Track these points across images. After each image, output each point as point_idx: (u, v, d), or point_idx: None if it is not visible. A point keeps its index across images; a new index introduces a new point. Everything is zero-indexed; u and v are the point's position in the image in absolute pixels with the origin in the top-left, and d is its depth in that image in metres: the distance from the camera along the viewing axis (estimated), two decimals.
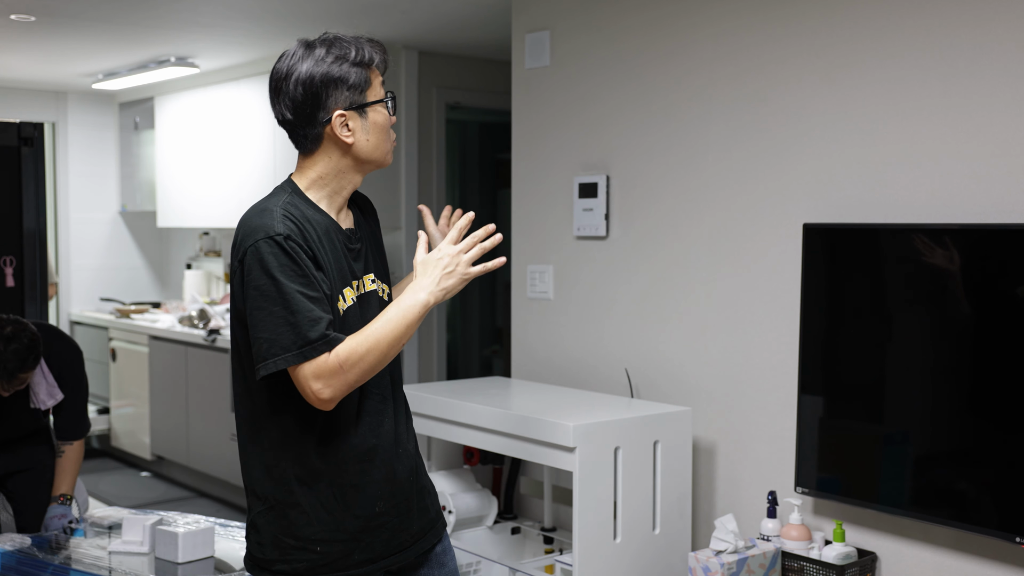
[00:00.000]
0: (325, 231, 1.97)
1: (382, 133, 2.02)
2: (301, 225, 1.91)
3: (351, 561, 1.98)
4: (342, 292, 1.96)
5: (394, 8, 4.54)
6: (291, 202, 1.96)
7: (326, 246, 1.95)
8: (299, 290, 1.85)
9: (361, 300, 2.02)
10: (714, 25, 3.29)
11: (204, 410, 5.85)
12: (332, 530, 1.96)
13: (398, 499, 2.04)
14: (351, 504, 1.97)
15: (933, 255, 2.66)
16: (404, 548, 2.06)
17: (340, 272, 1.98)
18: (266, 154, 5.88)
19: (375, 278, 2.08)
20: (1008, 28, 2.60)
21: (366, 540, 1.98)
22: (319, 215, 1.98)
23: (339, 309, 1.95)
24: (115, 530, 3.30)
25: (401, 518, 2.04)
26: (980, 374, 2.61)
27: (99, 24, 4.87)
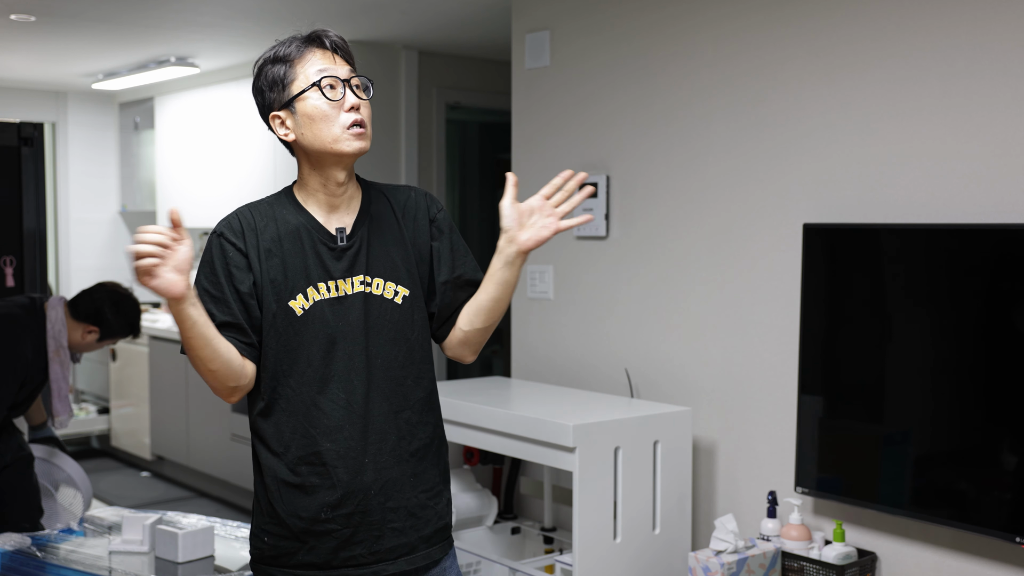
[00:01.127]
0: (292, 230, 1.94)
1: (318, 122, 1.90)
2: (253, 223, 1.93)
3: (295, 560, 1.94)
4: (303, 291, 1.92)
5: (394, 8, 4.54)
6: (270, 201, 1.99)
7: (286, 246, 1.93)
8: (204, 287, 1.91)
9: (337, 302, 1.93)
10: (715, 27, 3.29)
11: (204, 410, 5.85)
12: (277, 524, 1.94)
13: (351, 511, 1.93)
14: (296, 504, 1.93)
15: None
16: (361, 564, 1.95)
17: (301, 271, 1.92)
18: (266, 154, 5.88)
19: (370, 279, 1.96)
20: (1008, 28, 2.60)
21: (311, 543, 1.93)
22: (294, 214, 1.96)
23: (292, 308, 1.91)
24: (115, 530, 3.30)
25: (355, 531, 1.94)
26: (980, 374, 2.61)
27: (99, 24, 4.87)
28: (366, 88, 1.97)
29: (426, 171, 5.57)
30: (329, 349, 1.92)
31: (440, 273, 2.03)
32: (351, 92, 1.93)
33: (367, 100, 1.95)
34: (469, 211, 6.63)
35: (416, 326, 2.00)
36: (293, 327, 1.92)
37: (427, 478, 2.01)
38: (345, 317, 1.94)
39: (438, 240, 2.05)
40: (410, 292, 1.99)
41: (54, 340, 3.43)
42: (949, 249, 2.66)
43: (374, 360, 1.95)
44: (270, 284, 1.92)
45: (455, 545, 2.17)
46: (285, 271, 1.92)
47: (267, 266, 1.92)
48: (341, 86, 1.93)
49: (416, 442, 2.00)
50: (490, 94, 5.77)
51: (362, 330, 1.94)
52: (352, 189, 2.01)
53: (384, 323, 1.96)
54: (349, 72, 1.95)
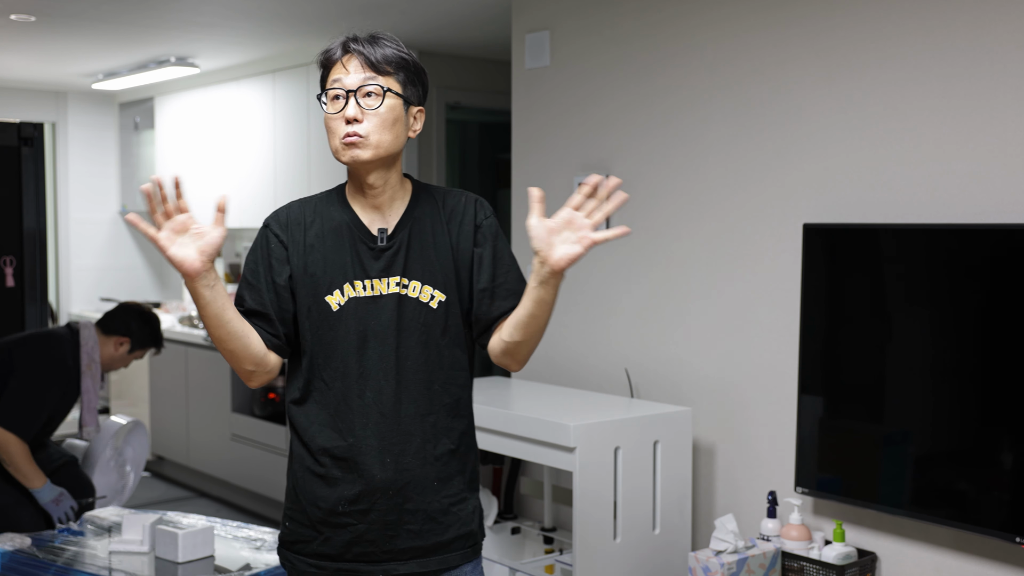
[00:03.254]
0: (335, 226, 1.97)
1: (327, 131, 1.95)
2: (302, 217, 1.98)
3: (310, 549, 1.97)
4: (340, 287, 1.95)
5: (393, 8, 4.54)
6: (323, 196, 2.03)
7: (328, 242, 1.96)
8: (246, 276, 1.99)
9: (372, 301, 1.95)
10: (715, 27, 3.29)
11: (204, 410, 5.85)
12: (299, 511, 1.99)
13: (367, 508, 1.94)
14: (316, 494, 1.96)
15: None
16: (372, 561, 1.96)
17: (340, 268, 1.95)
18: (266, 154, 5.88)
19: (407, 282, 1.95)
20: (1007, 29, 2.60)
21: (327, 534, 1.96)
22: (339, 211, 1.99)
23: (328, 303, 1.94)
24: (115, 530, 3.30)
25: (369, 527, 1.95)
26: (980, 374, 2.61)
27: (99, 24, 4.87)
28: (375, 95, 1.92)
29: (426, 171, 5.57)
30: (361, 346, 1.94)
31: (479, 280, 2.00)
32: (353, 102, 1.92)
33: (374, 109, 1.92)
34: None
35: (449, 332, 1.98)
36: (328, 322, 1.94)
37: (452, 483, 2.00)
38: (378, 316, 1.95)
39: (481, 247, 2.01)
40: (447, 298, 1.97)
41: (87, 355, 3.69)
42: (949, 249, 2.66)
43: (404, 361, 1.96)
44: (309, 278, 1.95)
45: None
46: (325, 266, 1.95)
47: (308, 260, 1.95)
48: (343, 97, 1.93)
49: (441, 447, 1.98)
50: (490, 94, 5.77)
51: (393, 331, 1.94)
52: (394, 191, 2.00)
53: (416, 325, 1.95)
54: (361, 80, 1.93)
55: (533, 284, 1.90)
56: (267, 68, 5.85)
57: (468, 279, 2.01)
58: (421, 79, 2.00)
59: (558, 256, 1.84)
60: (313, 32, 5.08)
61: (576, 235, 1.85)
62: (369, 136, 1.92)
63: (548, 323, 1.96)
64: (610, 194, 1.86)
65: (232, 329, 1.89)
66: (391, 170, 1.98)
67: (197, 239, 1.83)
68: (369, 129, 1.92)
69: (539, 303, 1.91)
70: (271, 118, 5.85)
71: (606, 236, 1.83)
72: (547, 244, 1.84)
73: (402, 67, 1.96)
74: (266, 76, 5.87)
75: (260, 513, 5.44)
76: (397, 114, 1.94)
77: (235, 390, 5.55)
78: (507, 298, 2.00)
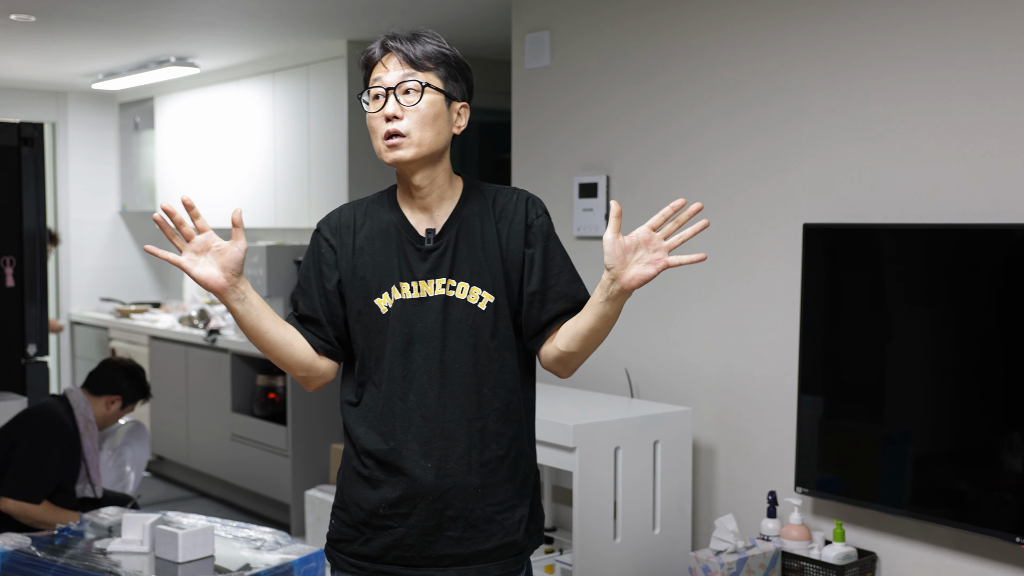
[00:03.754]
0: (384, 229, 1.96)
1: (370, 132, 1.92)
2: (352, 220, 1.99)
3: (351, 549, 1.97)
4: (388, 289, 1.93)
5: (394, 8, 4.54)
6: (375, 198, 2.02)
7: (377, 244, 1.95)
8: (300, 278, 2.01)
9: (419, 303, 1.92)
10: (715, 27, 3.29)
11: (204, 410, 5.85)
12: (343, 510, 1.99)
13: (407, 512, 1.93)
14: (359, 495, 1.96)
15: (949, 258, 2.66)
16: (410, 565, 1.93)
17: (387, 269, 1.93)
18: (266, 154, 5.88)
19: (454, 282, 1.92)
20: (1007, 29, 2.60)
21: (367, 535, 1.96)
22: (388, 213, 1.97)
23: (378, 306, 1.93)
24: (115, 530, 3.30)
25: (408, 531, 1.93)
26: (980, 374, 2.61)
27: (99, 24, 4.87)
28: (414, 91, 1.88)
29: None
30: (406, 349, 1.91)
31: (529, 283, 1.94)
32: (393, 100, 1.88)
33: (413, 105, 1.87)
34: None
35: (499, 334, 1.93)
36: (377, 324, 1.93)
37: (498, 491, 1.94)
38: (424, 319, 1.92)
39: (532, 247, 1.95)
40: (495, 299, 1.92)
41: (82, 417, 3.73)
42: (949, 249, 2.66)
43: (450, 364, 1.91)
44: (359, 281, 1.94)
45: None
46: (374, 269, 1.94)
47: (358, 263, 1.94)
48: (383, 96, 1.89)
49: (489, 453, 1.93)
50: (490, 94, 5.77)
51: (439, 333, 1.90)
52: (442, 190, 1.96)
53: (463, 328, 1.91)
54: (400, 77, 1.88)
55: (599, 299, 1.83)
56: (267, 68, 5.85)
57: (519, 280, 1.95)
58: (464, 74, 1.94)
59: (630, 276, 1.79)
60: (313, 32, 5.08)
61: (651, 255, 1.80)
62: (410, 134, 1.87)
63: (607, 336, 1.92)
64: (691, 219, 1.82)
65: (272, 339, 1.90)
66: (437, 169, 1.93)
67: (219, 256, 1.82)
68: (409, 126, 1.87)
69: (603, 318, 1.85)
70: (271, 118, 5.85)
71: (681, 261, 1.78)
72: (621, 262, 1.78)
73: (443, 62, 1.91)
74: (266, 76, 5.87)
75: (260, 513, 5.44)
76: (438, 110, 1.89)
77: (235, 390, 5.55)
78: (557, 301, 1.94)
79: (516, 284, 1.95)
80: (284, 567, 2.92)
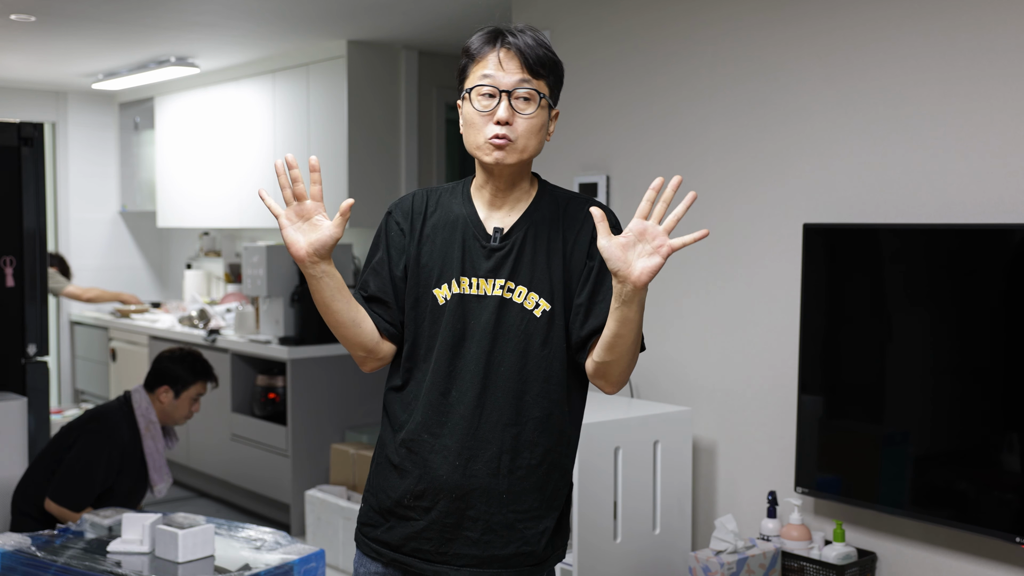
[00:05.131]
0: (453, 220, 1.95)
1: (468, 126, 1.89)
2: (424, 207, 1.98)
3: (375, 535, 1.99)
4: (448, 282, 1.92)
5: (394, 8, 4.54)
6: (450, 187, 2.01)
7: (442, 233, 1.95)
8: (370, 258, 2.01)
9: (476, 300, 1.91)
10: (715, 26, 3.29)
11: (204, 410, 5.84)
12: (373, 495, 2.01)
13: (430, 506, 1.92)
14: (388, 483, 1.97)
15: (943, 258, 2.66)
16: (427, 559, 1.93)
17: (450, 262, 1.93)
18: (266, 154, 5.88)
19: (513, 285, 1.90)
20: (1007, 29, 2.60)
21: (391, 523, 1.97)
22: (460, 205, 1.97)
23: (436, 296, 1.93)
24: (115, 530, 3.30)
25: (428, 526, 1.93)
26: (980, 374, 2.61)
27: (99, 24, 4.87)
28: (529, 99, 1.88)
29: (426, 171, 5.57)
30: (456, 344, 1.90)
31: (579, 294, 1.91)
32: (506, 104, 1.86)
33: (528, 114, 1.87)
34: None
35: (551, 343, 1.90)
36: (433, 315, 1.92)
37: (525, 499, 1.92)
38: (478, 317, 1.91)
39: (593, 259, 1.91)
40: (552, 307, 1.90)
41: (143, 418, 3.74)
42: (949, 249, 2.66)
43: (496, 367, 1.90)
44: (421, 269, 1.94)
45: None
46: (436, 258, 1.94)
47: (424, 250, 1.94)
48: (497, 96, 1.87)
49: (521, 460, 1.91)
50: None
51: (489, 333, 1.89)
52: (521, 192, 1.95)
53: (514, 332, 1.89)
54: (517, 82, 1.87)
55: (615, 305, 1.77)
56: (267, 68, 5.85)
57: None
58: (562, 80, 1.97)
59: (638, 272, 1.71)
60: (313, 32, 5.08)
61: (652, 245, 1.72)
62: (517, 140, 1.87)
63: (638, 342, 1.84)
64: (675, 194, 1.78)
65: (340, 318, 1.90)
66: (524, 172, 1.94)
67: (312, 230, 1.82)
68: (519, 133, 1.87)
69: (623, 322, 1.78)
70: (271, 118, 5.85)
71: (685, 241, 1.71)
72: (624, 263, 1.72)
73: (552, 70, 1.92)
74: (266, 76, 5.87)
75: (260, 513, 5.44)
76: (544, 119, 1.90)
77: (235, 390, 5.55)
78: (600, 316, 1.88)
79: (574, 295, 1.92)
80: (284, 567, 2.92)
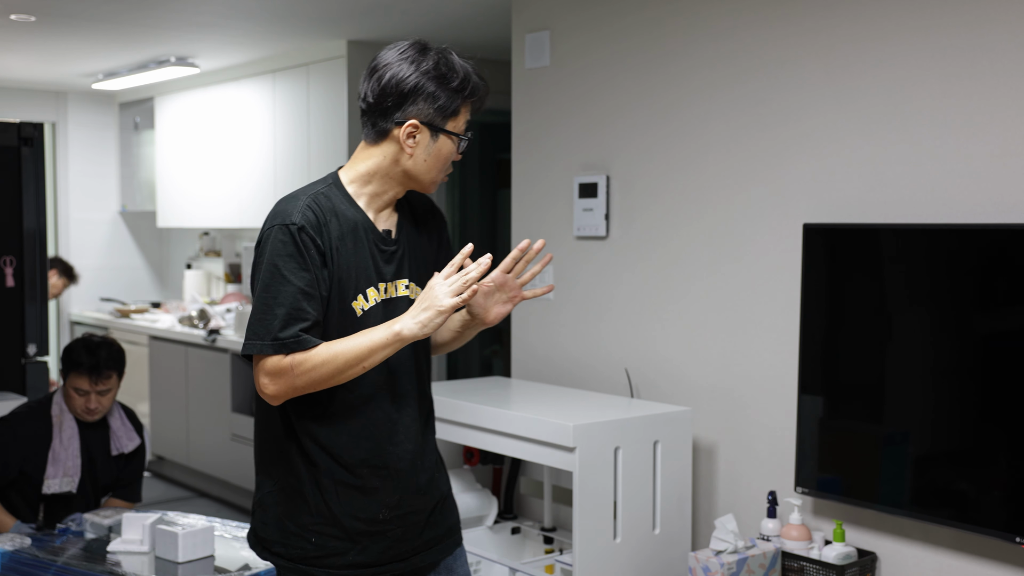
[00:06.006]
0: (353, 228, 1.93)
1: (440, 162, 1.98)
2: (323, 216, 1.90)
3: (345, 561, 1.96)
4: (364, 292, 1.93)
5: (394, 8, 4.54)
6: (324, 193, 1.95)
7: (349, 243, 1.92)
8: (296, 284, 1.86)
9: (388, 304, 1.96)
10: (714, 25, 3.29)
11: (204, 410, 5.85)
12: (330, 525, 1.95)
13: (406, 510, 2.00)
14: (354, 505, 1.95)
15: None
16: (404, 558, 2.02)
17: (363, 271, 1.93)
18: (266, 154, 5.88)
19: (409, 283, 2.01)
20: (1007, 28, 2.60)
21: (364, 543, 1.96)
22: (352, 210, 1.95)
23: (354, 309, 1.92)
24: (115, 530, 3.30)
25: (406, 529, 2.00)
26: (980, 374, 2.61)
27: (99, 24, 4.87)
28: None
29: None
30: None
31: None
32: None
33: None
34: (469, 211, 6.62)
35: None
36: (354, 328, 1.91)
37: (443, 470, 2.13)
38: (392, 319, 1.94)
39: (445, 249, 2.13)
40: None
41: (56, 406, 3.60)
42: (949, 249, 2.66)
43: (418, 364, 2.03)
44: (337, 283, 1.91)
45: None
46: (350, 270, 1.92)
47: (335, 264, 1.91)
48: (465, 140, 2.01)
49: (432, 438, 2.10)
50: (490, 94, 5.77)
51: None
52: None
53: None
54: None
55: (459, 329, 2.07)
56: (267, 68, 5.85)
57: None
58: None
59: (494, 315, 2.01)
60: (313, 32, 5.08)
61: (507, 295, 2.01)
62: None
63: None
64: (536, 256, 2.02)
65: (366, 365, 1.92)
66: None
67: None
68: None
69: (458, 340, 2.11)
70: (271, 118, 5.85)
71: (535, 293, 2.03)
72: (483, 307, 2.00)
73: None
74: (266, 76, 5.87)
75: None
76: None
77: (235, 390, 5.55)
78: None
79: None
80: None
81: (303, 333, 1.84)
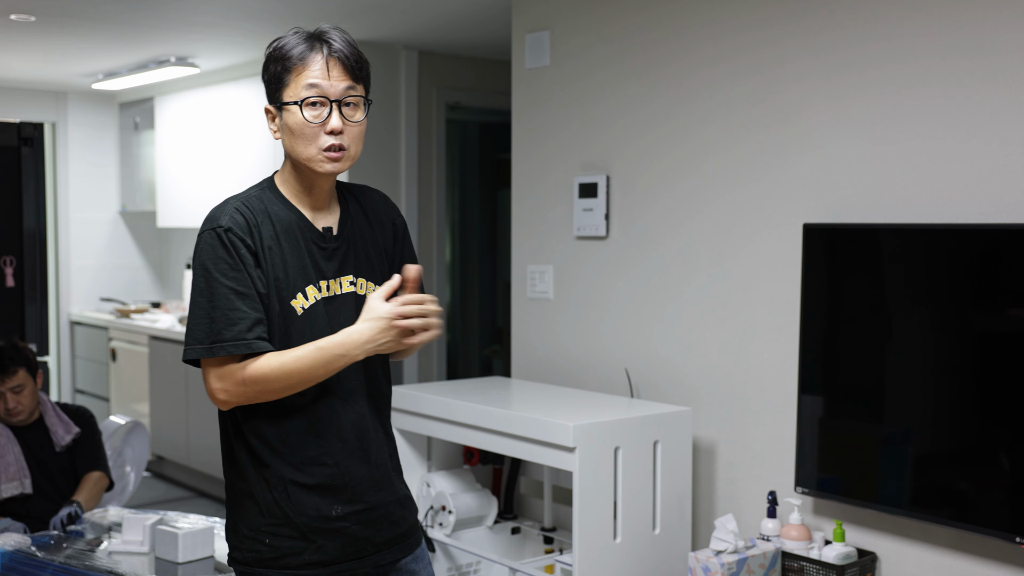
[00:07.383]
0: (287, 227, 1.93)
1: (298, 137, 1.89)
2: (253, 219, 1.90)
3: (301, 560, 1.93)
4: (303, 290, 1.92)
5: (394, 8, 4.54)
6: (257, 195, 1.96)
7: (283, 243, 1.92)
8: (228, 285, 1.86)
9: (329, 301, 1.95)
10: (714, 25, 3.29)
11: (204, 410, 5.85)
12: (283, 525, 1.93)
13: (360, 507, 1.98)
14: (306, 503, 1.93)
15: None
16: (361, 556, 1.99)
17: (300, 270, 1.92)
18: (266, 154, 5.87)
19: (355, 279, 1.99)
20: (1008, 28, 2.60)
21: (319, 542, 1.94)
22: (285, 211, 1.95)
23: (294, 308, 1.91)
24: (115, 530, 3.30)
25: (364, 526, 1.98)
26: (980, 374, 2.61)
27: (99, 24, 4.87)
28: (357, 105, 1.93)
29: (426, 171, 5.57)
30: None
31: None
32: (337, 114, 1.89)
33: (357, 122, 1.92)
34: (469, 211, 6.63)
35: None
36: (295, 327, 1.91)
37: (399, 471, 2.11)
38: (338, 317, 1.95)
39: (399, 243, 2.10)
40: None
41: None
42: (949, 249, 2.66)
43: (372, 360, 1.99)
44: (274, 282, 1.90)
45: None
46: (286, 269, 1.92)
47: (270, 264, 1.90)
48: (328, 107, 1.89)
49: (390, 437, 2.09)
50: (490, 94, 5.77)
51: None
52: (333, 190, 2.03)
53: None
54: (344, 91, 1.91)
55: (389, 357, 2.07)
56: None
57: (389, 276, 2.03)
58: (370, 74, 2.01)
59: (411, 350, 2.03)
60: None
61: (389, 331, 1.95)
62: (350, 148, 1.92)
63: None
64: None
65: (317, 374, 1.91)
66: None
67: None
68: (349, 141, 1.92)
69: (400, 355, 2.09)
70: None
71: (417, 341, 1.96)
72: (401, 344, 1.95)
73: (367, 69, 1.97)
74: None
75: None
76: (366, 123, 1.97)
77: None
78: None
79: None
80: None
81: (249, 333, 1.85)
